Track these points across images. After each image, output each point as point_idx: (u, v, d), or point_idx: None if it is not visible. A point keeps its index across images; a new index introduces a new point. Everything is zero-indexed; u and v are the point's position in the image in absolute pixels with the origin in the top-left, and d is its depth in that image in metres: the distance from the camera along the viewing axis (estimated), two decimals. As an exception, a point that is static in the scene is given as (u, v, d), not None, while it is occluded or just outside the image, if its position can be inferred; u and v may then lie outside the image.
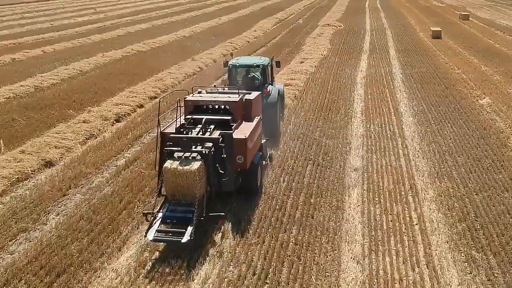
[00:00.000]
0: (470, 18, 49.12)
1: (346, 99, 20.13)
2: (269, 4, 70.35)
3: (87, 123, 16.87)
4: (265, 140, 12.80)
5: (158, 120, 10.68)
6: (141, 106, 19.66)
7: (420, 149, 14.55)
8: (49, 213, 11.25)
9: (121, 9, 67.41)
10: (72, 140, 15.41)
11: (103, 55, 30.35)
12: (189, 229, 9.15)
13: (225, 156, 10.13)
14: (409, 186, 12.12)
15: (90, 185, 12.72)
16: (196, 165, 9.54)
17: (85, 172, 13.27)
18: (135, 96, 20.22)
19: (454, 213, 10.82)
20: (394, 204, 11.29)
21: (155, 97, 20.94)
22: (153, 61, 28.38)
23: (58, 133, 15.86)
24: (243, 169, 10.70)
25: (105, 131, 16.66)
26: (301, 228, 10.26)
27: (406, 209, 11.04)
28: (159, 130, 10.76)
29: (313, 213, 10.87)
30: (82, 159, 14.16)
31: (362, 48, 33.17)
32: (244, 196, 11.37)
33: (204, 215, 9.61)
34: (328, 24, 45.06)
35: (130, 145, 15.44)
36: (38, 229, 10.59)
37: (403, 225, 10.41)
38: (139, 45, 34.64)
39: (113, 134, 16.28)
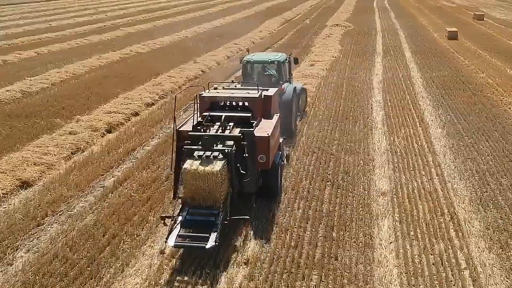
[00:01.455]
0: (485, 19, 47.03)
1: (364, 106, 18.14)
2: (275, 4, 68.34)
3: (74, 134, 14.95)
4: (282, 139, 11.93)
5: (174, 118, 10.12)
6: (136, 114, 17.73)
7: (455, 167, 12.56)
8: (17, 250, 9.34)
9: (123, 9, 65.57)
10: (55, 155, 13.50)
11: (100, 57, 28.46)
12: (214, 234, 8.45)
13: (246, 155, 9.47)
14: (449, 217, 10.14)
15: (71, 211, 10.80)
16: (218, 165, 8.78)
17: (66, 196, 11.35)
18: (130, 103, 18.29)
19: (509, 253, 8.83)
20: (435, 240, 9.31)
21: (153, 104, 19.05)
22: (152, 64, 26.45)
23: (40, 147, 13.96)
24: (265, 169, 10.02)
25: (93, 144, 14.74)
26: (323, 274, 8.31)
27: (450, 247, 9.05)
28: (174, 127, 9.90)
29: (336, 253, 8.91)
30: (64, 179, 12.24)
31: (375, 50, 31.16)
32: (255, 227, 9.49)
33: (228, 218, 8.87)
34: (337, 24, 43.06)
35: (120, 161, 13.51)
36: (1, 271, 8.68)
37: (449, 269, 8.42)
38: (138, 46, 32.76)
39: (102, 148, 14.36)
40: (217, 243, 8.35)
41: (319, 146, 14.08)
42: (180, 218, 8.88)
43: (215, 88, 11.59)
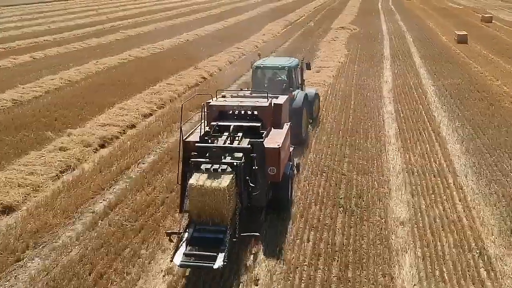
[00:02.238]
0: (493, 21, 45.84)
1: (375, 118, 17.02)
2: (278, 6, 67.29)
3: (64, 150, 13.89)
4: (292, 148, 11.50)
5: (181, 128, 9.57)
6: (132, 126, 16.65)
7: (478, 191, 11.44)
8: (-9, 292, 8.30)
9: (124, 10, 64.67)
10: (42, 174, 12.44)
11: (97, 62, 27.41)
12: (222, 253, 7.90)
13: (256, 167, 8.97)
14: (478, 252, 9.03)
15: (55, 242, 9.72)
16: (226, 180, 8.25)
17: (51, 224, 10.27)
18: (126, 114, 17.23)
19: (551, 300, 7.74)
20: (464, 282, 8.20)
21: (150, 114, 17.97)
22: (151, 70, 25.42)
23: (27, 165, 12.91)
24: (275, 181, 9.59)
25: (85, 161, 13.67)
26: (338, 326, 7.23)
27: (483, 292, 7.97)
28: (181, 138, 9.48)
29: (353, 298, 7.83)
30: (51, 203, 11.16)
31: (383, 54, 30.04)
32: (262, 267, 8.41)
33: (237, 235, 8.36)
34: (342, 27, 41.98)
35: (113, 182, 12.43)
36: (-29, 320, 7.64)
37: (484, 321, 7.34)
38: (138, 50, 31.74)
39: (94, 166, 13.28)
40: (225, 263, 7.82)
41: (329, 165, 12.99)
42: (186, 234, 8.35)
43: (223, 96, 11.15)
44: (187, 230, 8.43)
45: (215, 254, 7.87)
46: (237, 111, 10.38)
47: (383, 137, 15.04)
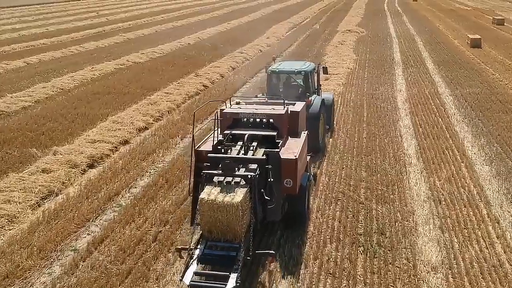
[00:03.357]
0: (505, 23, 44.30)
1: (391, 133, 15.54)
2: (282, 7, 65.91)
3: (48, 173, 12.47)
4: (309, 156, 10.95)
5: (193, 137, 9.16)
6: (126, 142, 15.21)
7: (518, 225, 9.97)
8: None
9: (125, 12, 63.35)
10: (20, 202, 11.01)
11: (93, 68, 26.03)
12: (234, 273, 7.39)
13: (272, 179, 8.44)
14: (529, 309, 7.56)
15: (28, 291, 8.32)
16: (239, 195, 7.73)
17: (24, 267, 8.84)
18: (119, 129, 15.79)
19: None
20: None
21: (146, 128, 16.56)
22: (149, 77, 24.02)
23: (4, 191, 11.50)
24: (291, 194, 9.07)
25: (71, 184, 12.25)
26: None
27: None
28: (193, 147, 9.05)
29: None
30: (27, 238, 9.74)
31: (393, 60, 28.57)
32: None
33: (251, 253, 7.86)
34: (349, 30, 40.52)
35: (100, 211, 10.98)
36: None
37: None
38: (136, 55, 30.35)
39: (80, 191, 11.84)
40: (238, 284, 7.32)
41: (344, 191, 11.52)
42: (197, 251, 7.87)
43: (238, 103, 10.68)
44: (198, 246, 7.97)
45: (228, 273, 7.43)
46: (252, 118, 9.88)
47: (402, 157, 13.56)
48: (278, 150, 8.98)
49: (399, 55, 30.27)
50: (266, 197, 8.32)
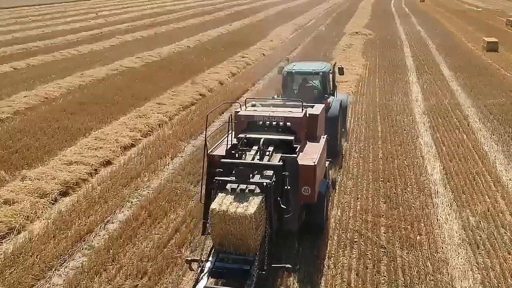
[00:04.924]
0: (520, 25, 42.32)
1: (411, 153, 13.61)
2: (285, 8, 64.01)
3: (10, 204, 10.59)
4: (328, 162, 10.43)
5: (205, 141, 8.71)
6: (108, 163, 13.32)
7: None
8: None
9: (125, 13, 61.60)
10: (-29, 245, 9.17)
11: (82, 74, 24.17)
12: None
13: (288, 187, 8.02)
14: None
15: None
16: (253, 206, 7.23)
17: None
18: (101, 147, 13.92)
19: None
20: None
21: (132, 146, 14.69)
22: (142, 84, 22.17)
23: (-47, 229, 9.64)
24: (309, 202, 8.58)
25: (36, 220, 10.37)
26: None
27: None
28: (205, 152, 8.73)
29: None
30: (-30, 296, 7.91)
31: (406, 65, 26.64)
32: None
33: (265, 267, 7.37)
34: (356, 32, 38.65)
35: (67, 256, 9.09)
36: None
37: None
38: (131, 59, 28.49)
39: (46, 227, 9.95)
40: None
41: (360, 230, 9.62)
42: (208, 264, 7.52)
43: (253, 105, 10.36)
44: (209, 258, 7.62)
45: None
46: (268, 122, 9.45)
47: (427, 184, 11.63)
48: (296, 155, 8.57)
49: (411, 59, 28.36)
50: (282, 206, 7.96)
